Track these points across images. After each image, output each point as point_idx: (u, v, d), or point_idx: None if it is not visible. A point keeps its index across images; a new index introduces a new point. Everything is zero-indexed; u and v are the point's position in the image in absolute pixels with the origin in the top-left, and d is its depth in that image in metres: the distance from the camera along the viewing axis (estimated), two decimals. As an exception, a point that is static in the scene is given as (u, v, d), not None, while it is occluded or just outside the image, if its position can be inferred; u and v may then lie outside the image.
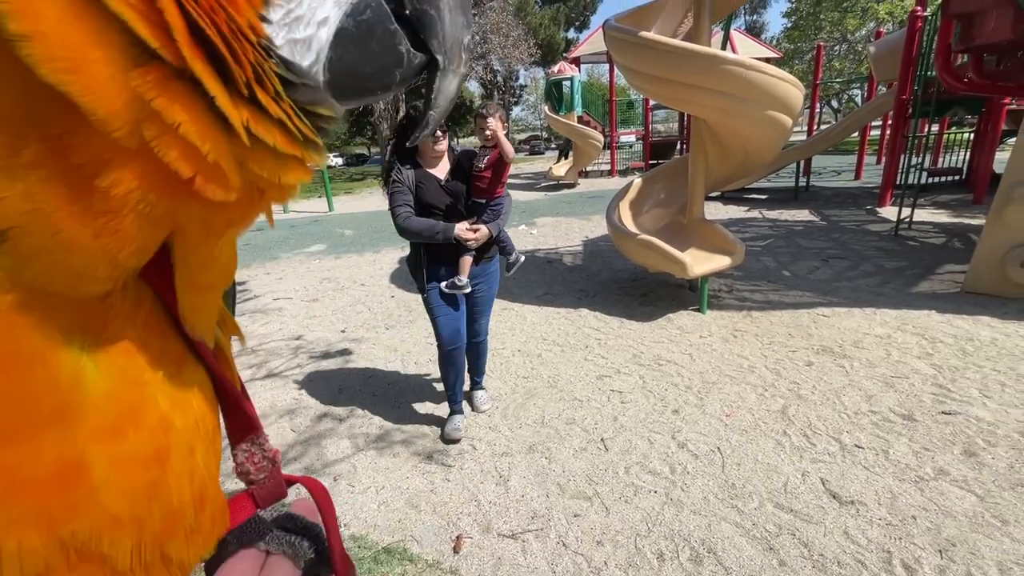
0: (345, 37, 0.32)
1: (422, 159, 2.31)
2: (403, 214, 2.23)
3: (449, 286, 2.37)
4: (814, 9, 21.62)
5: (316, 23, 0.31)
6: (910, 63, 7.06)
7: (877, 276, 4.69)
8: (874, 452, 2.26)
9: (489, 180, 2.34)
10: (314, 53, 0.31)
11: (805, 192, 9.66)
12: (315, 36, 0.31)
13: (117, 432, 0.27)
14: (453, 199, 2.32)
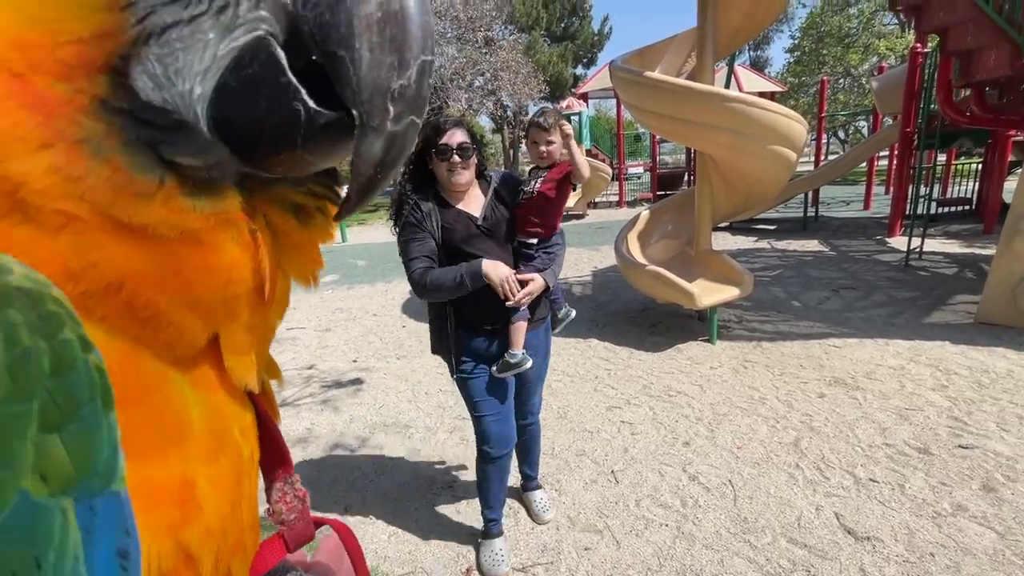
0: (228, 93, 0.30)
1: (445, 192, 1.72)
2: (419, 269, 1.62)
3: (502, 368, 1.75)
4: (816, 45, 22.15)
5: (194, 77, 0.30)
6: (912, 97, 7.18)
7: (889, 306, 4.66)
8: (890, 486, 2.23)
9: (544, 210, 1.77)
10: (192, 109, 0.30)
11: (814, 222, 9.69)
12: (191, 91, 0.30)
13: (213, 456, 0.32)
14: (495, 242, 1.72)
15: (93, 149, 0.28)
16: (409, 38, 0.31)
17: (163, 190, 0.29)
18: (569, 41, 25.83)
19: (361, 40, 0.29)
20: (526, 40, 22.02)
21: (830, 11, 21.42)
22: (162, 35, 0.29)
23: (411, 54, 0.31)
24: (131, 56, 0.29)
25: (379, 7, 0.30)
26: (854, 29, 21.25)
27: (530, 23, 23.17)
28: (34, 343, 0.22)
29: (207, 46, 0.30)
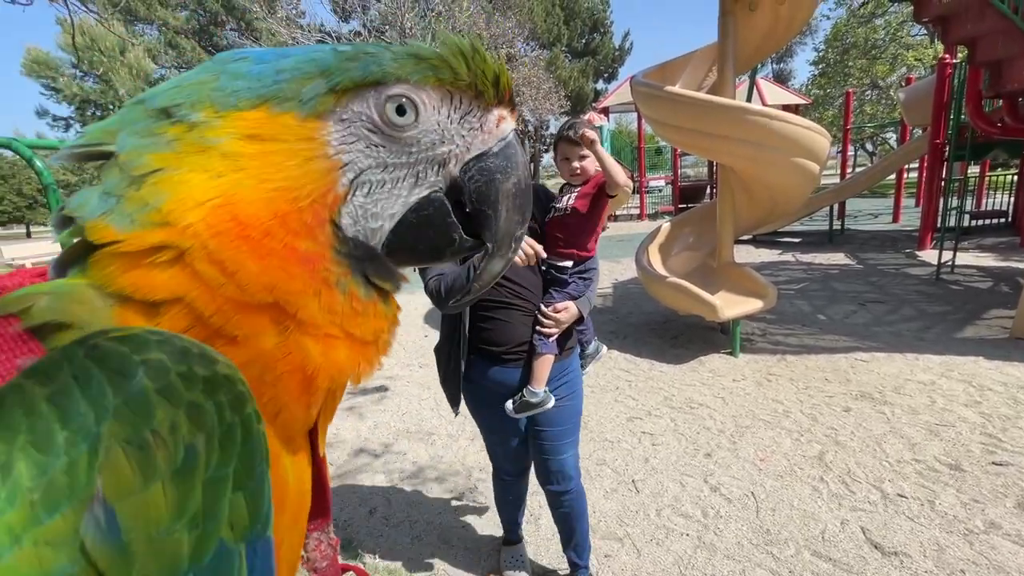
0: (406, 226, 0.43)
1: None
2: (433, 278, 1.51)
3: (519, 407, 1.55)
4: (842, 57, 21.88)
5: (387, 217, 0.42)
6: (942, 108, 7.05)
7: (919, 321, 4.56)
8: (919, 502, 2.18)
9: (578, 228, 1.57)
10: (378, 238, 0.42)
11: (840, 235, 9.52)
12: (382, 227, 0.42)
13: (296, 521, 0.40)
14: (523, 264, 1.55)
15: (340, 288, 0.38)
16: (528, 205, 0.49)
17: (373, 306, 0.41)
18: (590, 56, 26.07)
19: (503, 205, 0.46)
20: (547, 56, 22.32)
21: (855, 23, 21.16)
22: (369, 190, 0.42)
23: (527, 214, 0.49)
24: (344, 205, 0.40)
25: (514, 186, 0.46)
26: (881, 40, 20.93)
27: (551, 39, 23.50)
28: (233, 419, 0.29)
29: (399, 196, 0.43)
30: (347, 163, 0.40)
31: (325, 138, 0.39)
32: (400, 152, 0.42)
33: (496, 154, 0.46)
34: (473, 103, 0.44)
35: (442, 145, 0.44)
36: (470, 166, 0.45)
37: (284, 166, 0.37)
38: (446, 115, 0.43)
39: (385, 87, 0.40)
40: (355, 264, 0.40)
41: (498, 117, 0.46)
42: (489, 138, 0.45)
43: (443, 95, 0.43)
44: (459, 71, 0.42)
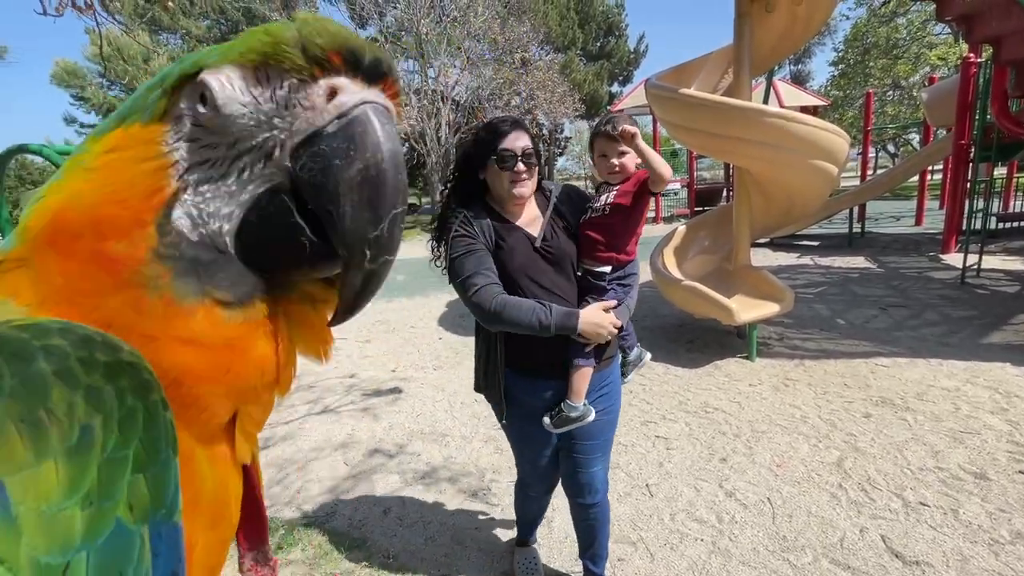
0: (251, 228, 0.39)
1: (498, 204, 1.46)
2: (483, 288, 1.33)
3: (558, 421, 1.45)
4: (862, 57, 21.49)
5: (223, 217, 0.39)
6: (966, 108, 6.89)
7: (942, 325, 4.45)
8: (942, 511, 2.13)
9: (618, 229, 1.45)
10: (223, 240, 0.39)
11: (860, 238, 9.33)
12: (221, 228, 0.39)
13: (214, 525, 0.40)
14: (559, 269, 1.44)
15: (151, 290, 0.36)
16: (382, 198, 0.39)
17: (204, 310, 0.37)
18: (605, 59, 26.03)
19: (345, 199, 0.38)
20: (562, 59, 22.33)
21: (876, 22, 20.78)
22: (196, 188, 0.38)
23: (384, 210, 0.40)
24: (173, 206, 0.38)
25: (359, 173, 0.38)
26: (902, 40, 20.51)
27: (566, 43, 23.51)
28: (135, 403, 0.30)
29: (231, 196, 0.39)
30: (176, 161, 0.38)
31: (161, 139, 0.38)
32: (219, 144, 0.38)
33: (332, 135, 0.38)
34: (287, 75, 0.38)
35: (260, 131, 0.38)
36: (300, 153, 0.39)
37: (122, 171, 0.37)
38: (253, 95, 0.38)
39: (195, 76, 0.38)
40: (185, 266, 0.37)
41: (328, 88, 0.38)
42: (317, 116, 0.38)
43: (245, 73, 0.38)
44: (259, 42, 0.38)
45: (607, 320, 1.38)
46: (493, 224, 1.43)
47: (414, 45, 17.07)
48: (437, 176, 18.88)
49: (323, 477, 2.76)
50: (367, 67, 0.39)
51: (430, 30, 16.46)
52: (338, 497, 2.57)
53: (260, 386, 0.41)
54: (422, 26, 16.29)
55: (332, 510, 2.46)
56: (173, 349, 0.36)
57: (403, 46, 17.35)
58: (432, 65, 17.48)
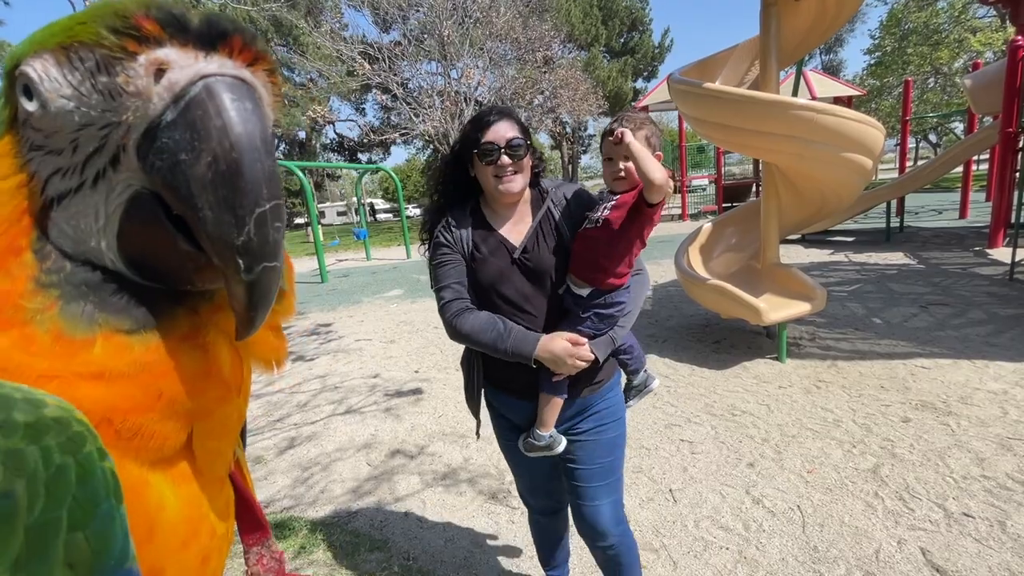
0: (129, 240, 0.34)
1: (491, 206, 1.33)
2: (449, 303, 1.28)
3: (526, 444, 1.36)
4: (900, 44, 20.60)
5: (96, 232, 0.34)
6: (1014, 94, 6.51)
7: (989, 325, 4.21)
8: (987, 523, 2.01)
9: (610, 247, 1.24)
10: (107, 257, 0.34)
11: (899, 233, 8.95)
12: (100, 243, 0.34)
13: (185, 544, 0.38)
14: (535, 283, 1.28)
15: (39, 326, 0.32)
16: (240, 196, 0.32)
17: (103, 340, 0.33)
18: (629, 55, 25.71)
19: (200, 201, 0.31)
20: (585, 57, 22.17)
21: (914, 6, 19.88)
22: (60, 203, 0.33)
23: (244, 210, 0.32)
24: (46, 226, 0.33)
25: (208, 168, 0.30)
26: (943, 25, 19.57)
27: (589, 40, 23.33)
28: (64, 461, 0.28)
29: (97, 208, 0.33)
30: (34, 173, 0.32)
31: (12, 150, 0.33)
32: (60, 148, 0.32)
33: (171, 124, 0.31)
34: (100, 55, 0.30)
35: (96, 128, 0.32)
36: (144, 151, 0.32)
37: None
38: (73, 84, 0.31)
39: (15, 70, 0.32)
40: (73, 293, 0.33)
41: (152, 63, 0.30)
42: (147, 102, 0.31)
43: (58, 58, 0.30)
44: (66, 19, 0.31)
45: (569, 353, 1.19)
46: (473, 230, 1.31)
47: (437, 48, 17.20)
48: (461, 177, 18.96)
49: (346, 478, 2.80)
50: (198, 31, 0.31)
51: (453, 32, 16.57)
52: (360, 498, 2.59)
53: (207, 403, 0.38)
54: (445, 28, 16.41)
55: (354, 511, 2.48)
56: (84, 386, 0.33)
57: (425, 48, 17.51)
58: (455, 67, 17.59)
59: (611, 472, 1.41)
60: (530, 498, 1.61)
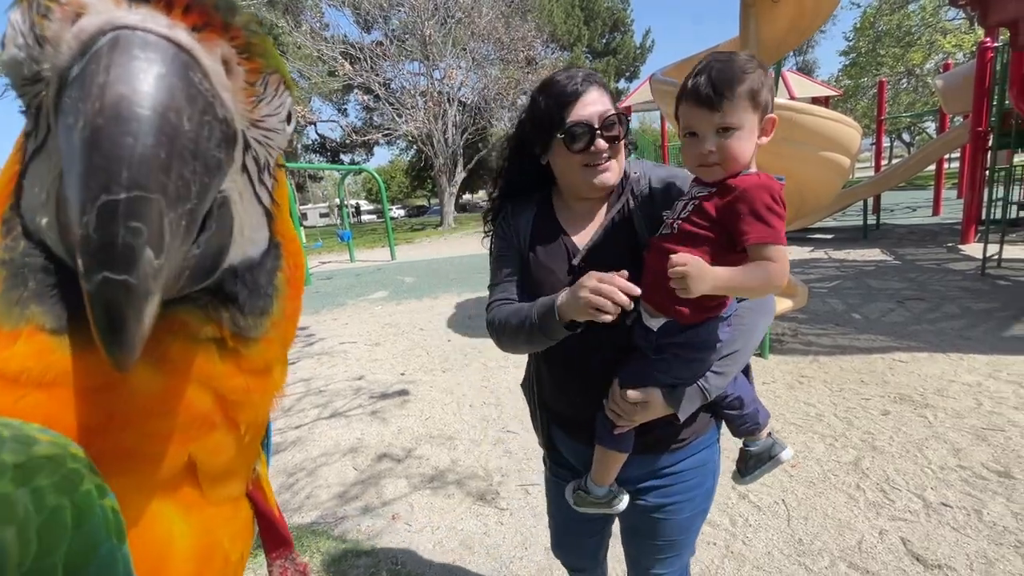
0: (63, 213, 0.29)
1: (566, 199, 1.04)
2: (495, 306, 1.05)
3: (577, 497, 1.06)
4: (873, 46, 21.09)
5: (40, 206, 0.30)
6: (983, 95, 6.72)
7: (963, 318, 4.33)
8: (964, 512, 2.06)
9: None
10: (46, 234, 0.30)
11: (876, 230, 9.16)
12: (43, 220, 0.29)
13: (198, 573, 0.36)
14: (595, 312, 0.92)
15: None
16: (86, 173, 0.24)
17: (25, 335, 0.29)
18: (611, 56, 25.90)
19: (71, 172, 0.25)
20: (568, 57, 22.27)
21: (887, 9, 20.39)
22: (27, 170, 0.28)
23: (87, 193, 0.24)
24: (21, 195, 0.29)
25: (78, 137, 0.24)
26: (915, 27, 20.10)
27: (572, 41, 23.44)
28: (59, 502, 0.25)
29: (42, 175, 0.28)
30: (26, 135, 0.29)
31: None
32: (26, 108, 0.29)
33: (74, 80, 0.26)
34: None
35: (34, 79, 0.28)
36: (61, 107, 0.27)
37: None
38: (21, 28, 0.27)
39: None
40: (20, 276, 0.29)
41: (69, 5, 0.26)
42: (59, 52, 0.26)
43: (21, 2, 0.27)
44: None
45: (589, 284, 0.83)
46: (535, 223, 1.03)
47: (419, 48, 17.11)
48: (445, 178, 18.88)
49: (332, 483, 2.76)
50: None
51: (435, 32, 16.50)
52: (347, 503, 2.56)
53: (191, 425, 0.34)
54: (427, 28, 16.34)
55: (341, 516, 2.45)
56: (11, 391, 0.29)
57: (407, 49, 17.42)
58: (438, 67, 17.52)
59: (681, 550, 1.13)
60: (556, 549, 1.32)
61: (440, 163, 18.08)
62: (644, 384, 0.91)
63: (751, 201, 0.79)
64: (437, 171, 18.59)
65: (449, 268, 10.04)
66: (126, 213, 0.24)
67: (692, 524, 1.12)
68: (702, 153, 0.84)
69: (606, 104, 0.94)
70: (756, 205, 0.79)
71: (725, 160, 0.83)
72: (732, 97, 0.81)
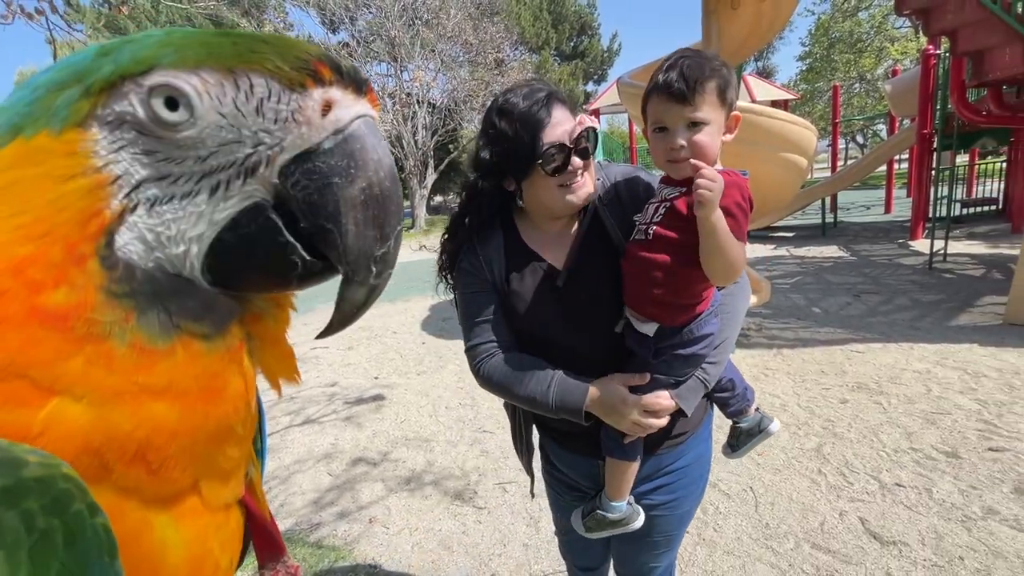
0: (226, 248, 0.35)
1: (526, 219, 1.02)
2: (481, 352, 0.99)
3: (591, 521, 1.04)
4: (827, 51, 22.03)
5: (191, 240, 0.34)
6: (928, 99, 7.11)
7: (913, 310, 4.58)
8: (916, 491, 2.19)
9: (666, 268, 0.86)
10: (188, 264, 0.35)
11: (833, 228, 9.57)
12: (187, 251, 0.34)
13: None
14: (586, 320, 0.97)
15: (118, 339, 0.31)
16: (388, 216, 0.38)
17: (182, 347, 0.33)
18: (579, 59, 26.21)
19: (347, 218, 0.36)
20: (536, 60, 22.43)
21: (840, 16, 21.33)
22: (151, 208, 0.33)
23: (390, 228, 0.39)
24: (116, 231, 0.32)
25: (362, 192, 0.36)
26: (866, 34, 21.10)
27: (540, 43, 23.62)
28: (49, 524, 0.26)
29: (201, 215, 0.34)
30: (119, 176, 0.32)
31: (88, 149, 0.32)
32: (184, 157, 0.34)
33: (329, 151, 0.35)
34: (275, 85, 0.34)
35: (243, 146, 0.34)
36: (291, 170, 0.35)
37: (37, 192, 0.31)
38: (234, 104, 0.33)
39: (146, 76, 0.32)
40: (146, 302, 0.32)
41: (323, 101, 0.35)
42: (312, 131, 0.35)
43: (223, 78, 0.33)
44: (239, 45, 0.34)
45: (633, 403, 0.88)
46: (505, 255, 0.98)
47: (386, 49, 16.95)
48: (416, 180, 18.75)
49: (307, 489, 2.72)
50: (352, 77, 0.36)
51: (402, 33, 16.37)
52: (322, 509, 2.53)
53: (235, 425, 0.37)
54: (394, 30, 16.20)
55: (316, 522, 2.42)
56: (145, 406, 0.31)
57: (375, 50, 17.22)
58: (406, 68, 17.38)
59: (674, 543, 1.15)
60: (567, 555, 1.33)
61: (410, 165, 17.93)
62: (652, 388, 0.92)
63: (722, 197, 0.80)
64: (407, 173, 18.43)
65: (422, 270, 9.94)
66: (401, 235, 0.41)
67: (689, 516, 1.15)
68: (672, 148, 0.85)
69: (571, 119, 0.93)
70: (726, 201, 0.81)
71: (695, 155, 0.83)
72: (703, 91, 0.82)
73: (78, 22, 16.50)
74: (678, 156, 0.84)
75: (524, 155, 0.90)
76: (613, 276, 0.93)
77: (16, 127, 0.32)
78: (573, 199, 0.93)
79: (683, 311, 0.89)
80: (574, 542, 1.24)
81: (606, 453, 0.99)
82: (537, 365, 0.96)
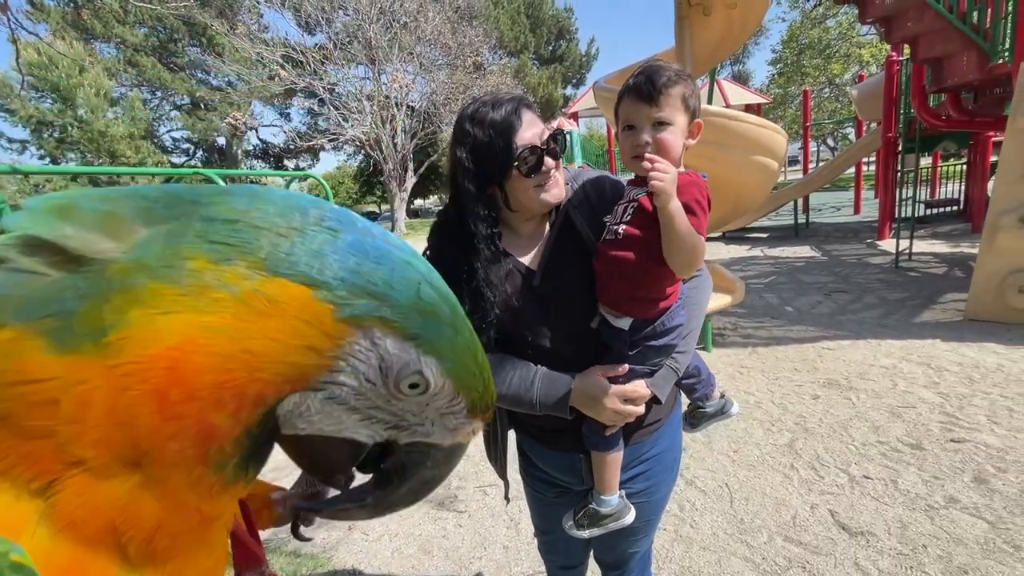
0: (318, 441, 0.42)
1: (511, 224, 1.04)
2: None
3: (582, 519, 1.05)
4: (797, 57, 22.66)
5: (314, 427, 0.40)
6: (892, 104, 7.38)
7: (880, 308, 4.73)
8: (883, 482, 2.26)
9: (635, 266, 0.91)
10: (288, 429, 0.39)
11: (805, 228, 9.83)
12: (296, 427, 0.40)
13: None
14: (561, 319, 1.01)
15: (216, 469, 0.35)
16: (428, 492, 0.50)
17: (234, 490, 0.38)
18: (558, 63, 26.41)
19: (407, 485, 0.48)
20: (515, 64, 22.53)
21: (809, 24, 21.97)
22: (327, 398, 0.38)
23: (422, 496, 0.50)
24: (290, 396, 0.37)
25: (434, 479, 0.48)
26: (834, 40, 21.77)
27: (519, 47, 23.74)
28: None
29: (342, 422, 0.40)
30: (336, 369, 0.37)
31: (341, 341, 0.36)
32: (380, 399, 0.40)
33: (444, 450, 0.46)
34: (464, 407, 0.44)
35: (413, 419, 0.43)
36: (417, 444, 0.45)
37: (277, 337, 0.34)
38: (433, 400, 0.42)
39: (420, 353, 0.38)
40: (251, 448, 0.36)
41: (472, 429, 0.46)
42: (450, 436, 0.45)
43: (454, 392, 0.42)
44: (476, 382, 0.43)
45: (614, 393, 0.93)
46: (483, 252, 0.98)
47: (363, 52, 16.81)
48: (395, 183, 18.62)
49: (284, 497, 2.67)
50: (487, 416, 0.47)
51: (379, 36, 16.27)
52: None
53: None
54: (371, 32, 16.09)
55: (294, 531, 2.38)
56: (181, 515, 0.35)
57: (352, 52, 17.07)
58: (385, 71, 17.27)
59: (651, 528, 1.19)
60: (547, 555, 1.34)
61: (390, 168, 17.81)
62: (629, 379, 0.97)
63: (682, 195, 0.88)
64: (387, 176, 18.30)
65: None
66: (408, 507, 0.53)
67: (665, 500, 1.19)
68: (638, 144, 0.92)
69: (539, 123, 0.98)
70: (687, 198, 0.89)
71: (658, 152, 0.90)
72: (668, 95, 0.90)
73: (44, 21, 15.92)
74: (643, 151, 0.91)
75: (503, 158, 0.94)
76: (586, 274, 0.98)
77: (308, 279, 0.35)
78: (548, 198, 0.98)
79: (654, 305, 0.95)
80: (555, 541, 1.26)
81: (590, 447, 1.03)
82: (519, 363, 0.99)
